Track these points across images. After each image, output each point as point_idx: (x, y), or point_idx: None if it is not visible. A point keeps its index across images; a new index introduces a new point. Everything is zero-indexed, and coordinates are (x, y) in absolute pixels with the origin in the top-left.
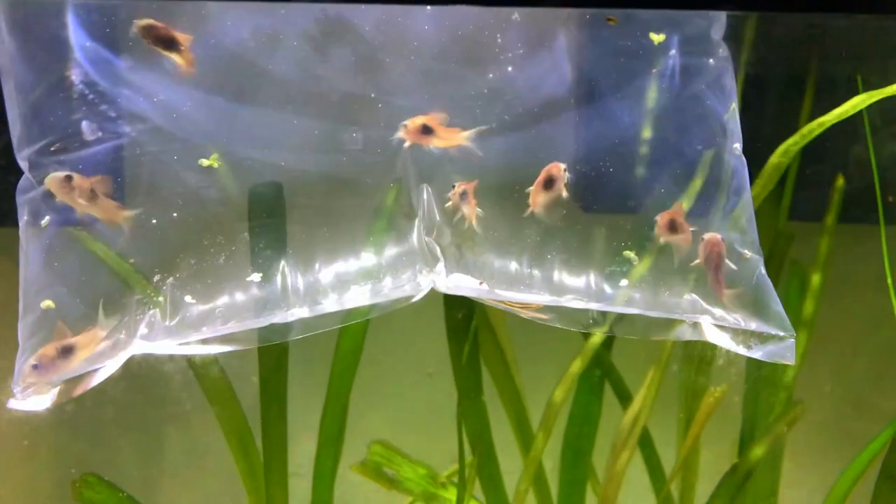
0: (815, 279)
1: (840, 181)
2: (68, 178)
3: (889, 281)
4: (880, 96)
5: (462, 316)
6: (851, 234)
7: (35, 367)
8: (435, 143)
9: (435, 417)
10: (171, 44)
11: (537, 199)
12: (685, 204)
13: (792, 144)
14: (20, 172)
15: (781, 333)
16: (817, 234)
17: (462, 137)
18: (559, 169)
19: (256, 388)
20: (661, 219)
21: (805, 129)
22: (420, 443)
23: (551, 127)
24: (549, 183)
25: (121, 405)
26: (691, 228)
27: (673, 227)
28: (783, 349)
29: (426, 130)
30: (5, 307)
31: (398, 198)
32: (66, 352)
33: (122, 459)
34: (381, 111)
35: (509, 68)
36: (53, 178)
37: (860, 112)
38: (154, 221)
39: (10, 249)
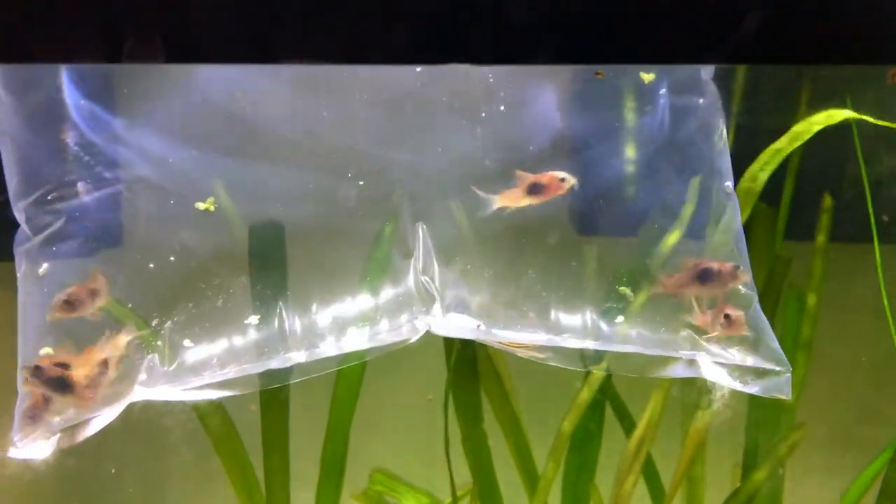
0: (811, 300)
1: (828, 201)
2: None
3: (885, 301)
4: (820, 126)
5: (460, 344)
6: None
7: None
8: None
9: (436, 444)
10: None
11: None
12: (673, 236)
13: (760, 169)
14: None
15: (778, 368)
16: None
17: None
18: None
19: (254, 415)
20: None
21: (766, 154)
22: (421, 469)
23: (545, 168)
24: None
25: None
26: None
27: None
28: (780, 384)
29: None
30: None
31: (395, 231)
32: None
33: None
34: (375, 162)
35: (501, 114)
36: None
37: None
38: (151, 266)
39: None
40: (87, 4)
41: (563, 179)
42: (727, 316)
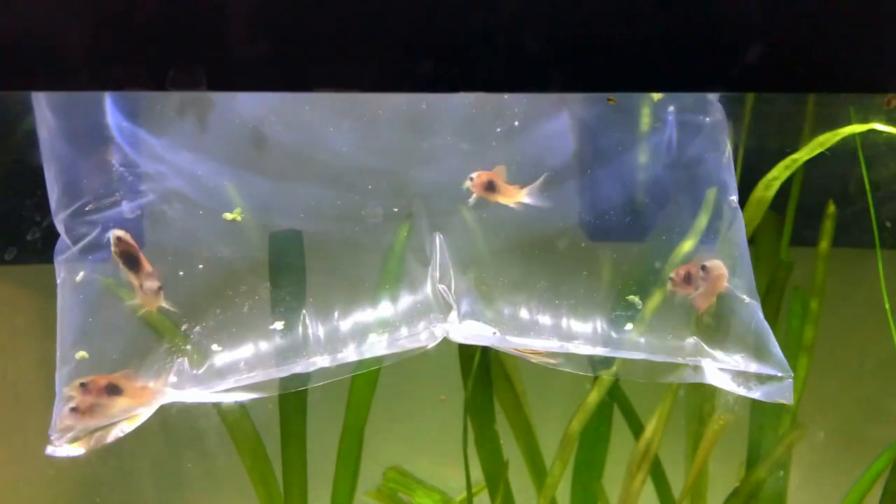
0: (813, 304)
1: (831, 208)
2: (159, 289)
3: (887, 306)
4: (841, 136)
5: (474, 348)
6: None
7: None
8: (498, 199)
9: (447, 443)
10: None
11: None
12: (687, 244)
13: (773, 179)
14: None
15: (780, 374)
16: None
17: (522, 194)
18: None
19: (273, 414)
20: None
21: (783, 164)
22: (433, 467)
23: (559, 182)
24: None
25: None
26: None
27: (688, 279)
28: (781, 389)
29: (490, 187)
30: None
31: (411, 241)
32: (113, 391)
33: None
34: (394, 177)
35: (515, 129)
36: (149, 292)
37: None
38: (181, 273)
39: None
40: (133, 36)
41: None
42: (704, 267)
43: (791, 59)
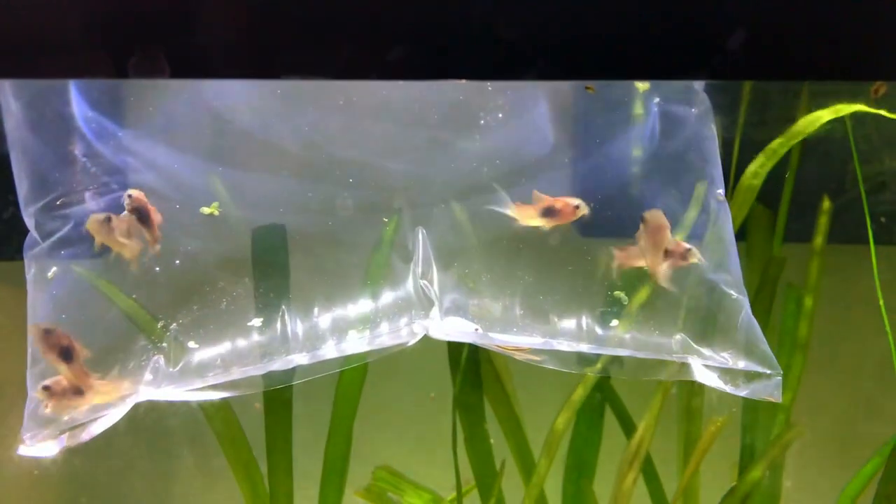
0: (808, 302)
1: (826, 204)
2: (108, 219)
3: (881, 302)
4: (829, 118)
5: (462, 345)
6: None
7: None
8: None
9: (436, 442)
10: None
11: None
12: (679, 238)
13: (760, 166)
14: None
15: (768, 371)
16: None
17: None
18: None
19: (258, 413)
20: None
21: (769, 150)
22: (421, 467)
23: (543, 175)
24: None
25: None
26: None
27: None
28: (770, 387)
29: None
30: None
31: (395, 236)
32: (65, 355)
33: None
34: (376, 170)
35: (498, 126)
36: (93, 220)
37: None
38: (157, 269)
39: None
40: (94, 21)
41: (576, 207)
42: (642, 218)
43: (776, 47)
